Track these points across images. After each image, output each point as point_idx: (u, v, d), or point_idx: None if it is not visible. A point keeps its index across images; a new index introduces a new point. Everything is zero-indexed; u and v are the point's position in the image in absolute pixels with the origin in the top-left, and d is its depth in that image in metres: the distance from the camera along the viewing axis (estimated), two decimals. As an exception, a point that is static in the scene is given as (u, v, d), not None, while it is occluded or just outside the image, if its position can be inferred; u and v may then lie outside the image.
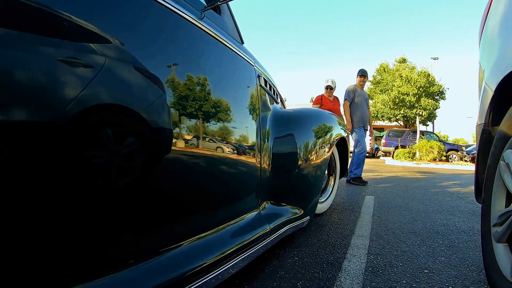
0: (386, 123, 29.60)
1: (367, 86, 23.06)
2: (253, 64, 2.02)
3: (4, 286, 0.70)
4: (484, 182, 1.71)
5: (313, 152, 2.44)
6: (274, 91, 2.51)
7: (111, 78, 0.95)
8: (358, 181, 5.95)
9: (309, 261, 1.97)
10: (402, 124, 26.46)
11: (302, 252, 2.13)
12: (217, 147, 1.51)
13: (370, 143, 10.76)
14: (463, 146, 20.94)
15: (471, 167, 13.05)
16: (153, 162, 1.14)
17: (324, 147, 2.61)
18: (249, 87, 1.91)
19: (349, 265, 1.91)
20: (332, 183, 3.52)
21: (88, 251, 0.90)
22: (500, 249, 1.50)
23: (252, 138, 1.83)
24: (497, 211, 1.57)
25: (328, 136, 2.71)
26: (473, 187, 2.00)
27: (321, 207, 3.16)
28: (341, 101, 6.45)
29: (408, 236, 2.58)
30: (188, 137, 1.30)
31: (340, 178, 3.76)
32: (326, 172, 3.39)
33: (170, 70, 1.23)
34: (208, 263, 1.29)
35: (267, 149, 2.07)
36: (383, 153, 20.85)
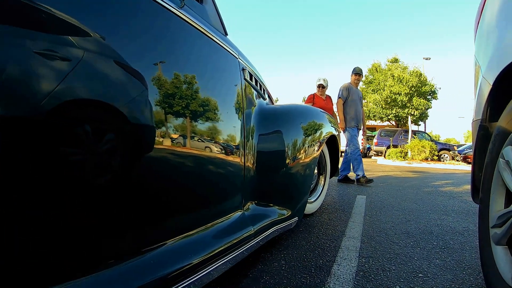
0: (378, 122, 29.68)
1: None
2: (237, 56, 1.90)
3: None
4: (481, 181, 1.62)
5: (302, 150, 2.33)
6: (260, 86, 2.39)
7: (85, 70, 0.87)
8: (363, 181, 5.85)
9: (296, 265, 1.85)
10: (394, 124, 26.50)
11: (289, 255, 2.01)
12: (198, 144, 1.40)
13: (362, 143, 10.67)
14: (455, 145, 21.03)
15: (463, 167, 13.12)
16: (132, 160, 1.06)
17: (314, 145, 2.50)
18: (232, 80, 1.79)
19: (338, 269, 1.80)
20: (322, 182, 3.41)
21: (70, 249, 0.86)
22: (499, 252, 1.41)
23: (235, 135, 1.71)
24: (496, 212, 1.47)
25: (318, 133, 2.60)
26: (466, 186, 1.91)
27: (310, 208, 3.05)
28: (335, 99, 6.36)
29: (401, 237, 2.48)
30: (167, 134, 1.20)
31: (330, 177, 3.65)
32: (316, 171, 3.29)
33: (147, 62, 1.14)
34: (188, 266, 1.21)
35: (252, 147, 1.95)
36: (375, 153, 20.90)
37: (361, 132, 6.37)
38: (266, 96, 2.62)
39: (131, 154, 1.06)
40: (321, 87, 6.20)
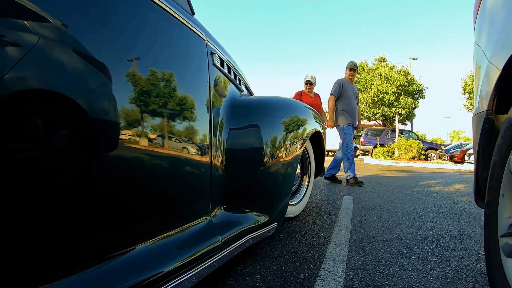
0: (365, 122, 29.65)
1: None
2: (204, 38, 1.63)
3: None
4: (488, 182, 1.38)
5: (283, 148, 2.05)
6: (235, 75, 2.12)
7: (31, 54, 0.75)
8: (352, 182, 5.62)
9: (273, 280, 1.58)
10: (381, 123, 26.50)
11: (266, 267, 1.74)
12: (153, 140, 1.14)
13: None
14: (442, 145, 21.13)
15: (450, 166, 13.16)
16: (75, 160, 0.88)
17: (296, 142, 2.23)
18: (197, 65, 1.51)
19: (322, 286, 1.54)
20: (306, 183, 3.15)
21: (15, 258, 0.75)
22: (511, 266, 1.17)
23: (200, 129, 1.44)
24: (507, 218, 1.25)
25: (301, 130, 2.33)
26: (456, 186, 1.70)
27: (293, 211, 2.79)
28: (325, 98, 6.12)
29: (393, 244, 2.24)
30: (119, 128, 0.99)
31: (315, 177, 3.41)
32: (299, 170, 3.03)
33: (95, 42, 0.94)
34: (143, 283, 1.02)
35: (221, 143, 1.67)
36: (362, 152, 20.88)
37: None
38: (243, 87, 2.36)
39: (83, 152, 0.89)
40: (309, 83, 5.98)
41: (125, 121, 1.01)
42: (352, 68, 5.91)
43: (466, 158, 16.34)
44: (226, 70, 1.89)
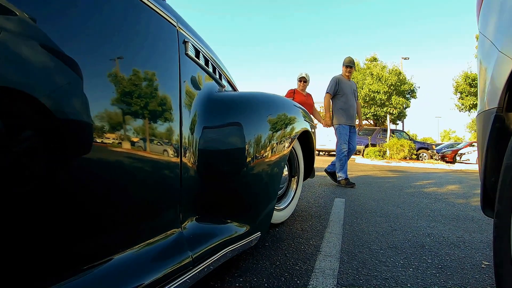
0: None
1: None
2: (175, 25, 1.42)
3: None
4: (498, 188, 1.20)
5: (268, 148, 1.84)
6: (214, 68, 1.91)
7: None
8: (343, 183, 5.45)
9: (254, 301, 1.39)
10: (372, 123, 26.46)
11: (246, 284, 1.53)
12: (110, 139, 0.95)
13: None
14: (433, 144, 21.15)
15: (442, 165, 13.12)
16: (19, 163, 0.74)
17: (284, 141, 2.03)
18: (164, 54, 1.31)
19: (310, 307, 1.35)
20: (295, 186, 2.94)
21: None
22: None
23: (167, 127, 1.24)
24: (522, 231, 1.07)
25: (289, 129, 2.13)
26: (450, 187, 1.52)
27: (279, 216, 2.58)
28: (320, 98, 5.94)
29: (388, 253, 2.05)
30: (72, 126, 0.85)
31: (304, 179, 3.21)
32: (287, 173, 2.83)
33: (46, 23, 0.80)
34: None
35: (192, 143, 1.46)
36: (353, 151, 20.82)
37: (357, 129, 5.92)
38: (225, 83, 2.15)
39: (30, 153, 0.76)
40: (303, 81, 5.78)
41: (79, 117, 0.85)
42: (349, 64, 5.70)
43: (458, 158, 16.33)
44: (202, 62, 1.67)
